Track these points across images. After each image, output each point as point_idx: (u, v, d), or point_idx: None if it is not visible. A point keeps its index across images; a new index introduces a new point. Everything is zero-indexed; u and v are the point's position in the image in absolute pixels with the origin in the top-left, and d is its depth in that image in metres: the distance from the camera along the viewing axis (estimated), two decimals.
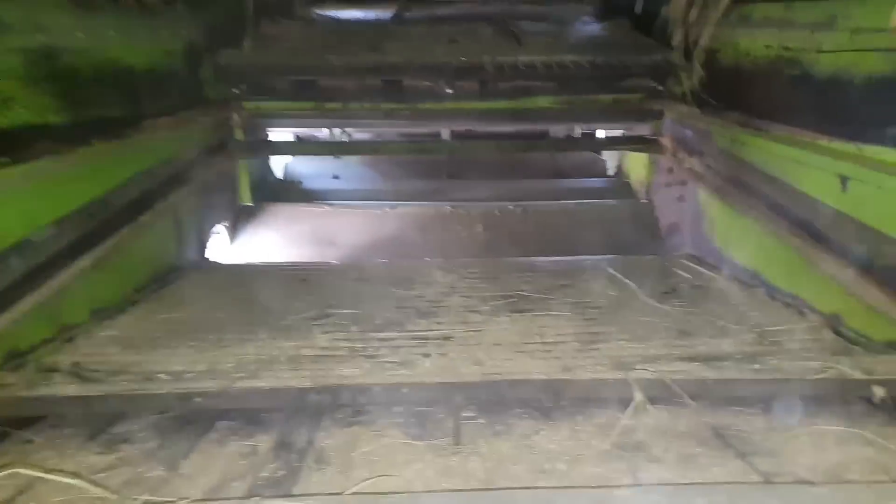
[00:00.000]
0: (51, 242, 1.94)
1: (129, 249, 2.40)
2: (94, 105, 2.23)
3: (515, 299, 2.41)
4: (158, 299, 2.43)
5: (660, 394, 1.69)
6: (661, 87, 3.34)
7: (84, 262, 2.06)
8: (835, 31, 2.06)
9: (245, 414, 1.74)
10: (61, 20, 2.08)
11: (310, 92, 3.43)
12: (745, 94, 2.61)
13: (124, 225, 2.33)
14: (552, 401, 1.74)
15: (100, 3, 2.27)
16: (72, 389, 1.68)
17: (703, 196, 3.03)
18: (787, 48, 2.32)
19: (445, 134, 3.95)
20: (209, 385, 1.69)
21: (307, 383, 1.69)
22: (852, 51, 1.98)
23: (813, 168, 2.15)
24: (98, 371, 1.78)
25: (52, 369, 1.79)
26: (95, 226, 2.17)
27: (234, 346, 1.97)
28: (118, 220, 2.31)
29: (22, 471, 1.47)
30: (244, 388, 1.67)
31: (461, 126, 3.91)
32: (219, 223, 3.39)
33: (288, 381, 1.71)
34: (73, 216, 2.05)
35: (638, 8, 3.09)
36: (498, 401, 1.74)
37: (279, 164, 4.26)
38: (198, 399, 1.66)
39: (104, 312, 2.20)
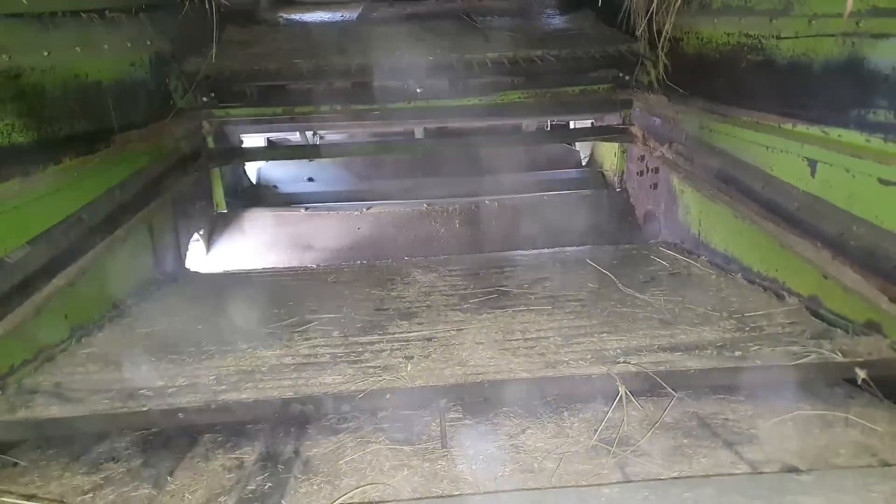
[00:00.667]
0: (26, 262, 1.91)
1: (106, 264, 2.37)
2: (63, 122, 2.20)
3: (496, 295, 2.42)
4: (137, 313, 2.41)
5: (644, 386, 1.71)
6: (628, 77, 3.36)
7: (60, 280, 2.04)
8: (792, 18, 2.09)
9: (229, 426, 1.74)
10: (25, 39, 2.05)
11: (279, 97, 3.40)
12: (710, 81, 2.64)
13: (100, 240, 2.31)
14: (537, 399, 1.75)
15: (62, 19, 2.22)
16: (54, 411, 1.67)
17: (677, 183, 3.06)
18: (747, 35, 2.35)
19: (418, 132, 3.94)
20: (191, 400, 1.69)
21: (290, 393, 1.69)
22: (810, 36, 2.01)
23: (781, 152, 2.18)
24: (80, 390, 1.77)
25: (34, 391, 1.77)
26: (71, 243, 2.14)
27: (214, 358, 1.97)
28: (93, 236, 2.28)
29: (8, 500, 1.46)
30: (227, 402, 1.67)
31: (433, 124, 3.90)
32: (195, 232, 3.36)
33: (270, 391, 1.71)
34: (47, 235, 2.03)
35: (600, 0, 3.11)
36: (483, 401, 1.75)
37: (253, 170, 4.22)
38: (181, 415, 1.65)
39: (84, 329, 2.18)
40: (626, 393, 1.65)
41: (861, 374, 1.67)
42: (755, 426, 1.64)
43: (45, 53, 2.12)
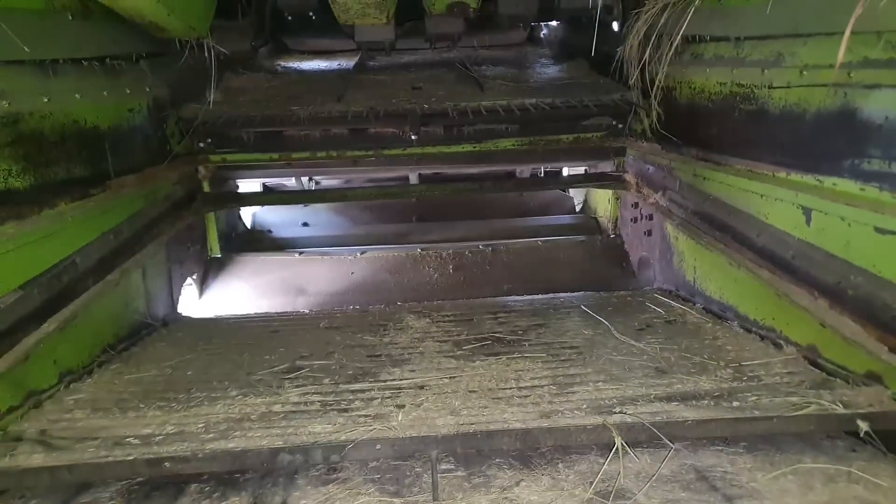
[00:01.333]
0: (17, 307, 1.89)
1: (97, 309, 2.35)
2: (59, 166, 2.21)
3: (490, 342, 2.39)
4: (127, 358, 2.37)
5: (640, 437, 1.67)
6: (621, 125, 3.40)
7: (51, 325, 2.01)
8: (783, 69, 2.12)
9: (217, 476, 1.69)
10: (25, 86, 2.07)
11: (276, 142, 3.43)
12: (703, 129, 2.67)
13: (92, 285, 2.29)
14: (531, 450, 1.71)
15: (63, 66, 2.25)
16: (37, 460, 1.62)
17: (671, 230, 3.07)
18: (739, 85, 2.39)
19: (413, 178, 3.96)
20: (178, 448, 1.64)
21: (279, 442, 1.65)
22: (802, 86, 2.03)
23: (776, 200, 2.19)
24: (65, 438, 1.73)
25: (18, 438, 1.73)
26: (63, 287, 2.12)
27: (203, 405, 1.93)
28: (86, 280, 2.27)
29: None
30: (214, 451, 1.62)
31: (428, 170, 3.93)
32: (188, 277, 3.34)
33: (259, 440, 1.67)
34: (39, 279, 2.01)
35: (593, 50, 3.17)
36: (476, 452, 1.71)
37: (248, 214, 4.23)
38: (167, 464, 1.61)
39: (72, 375, 2.14)
40: (622, 444, 1.62)
41: (863, 426, 1.63)
42: (755, 479, 1.60)
43: (45, 99, 2.14)
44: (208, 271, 3.56)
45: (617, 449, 1.62)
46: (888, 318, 1.74)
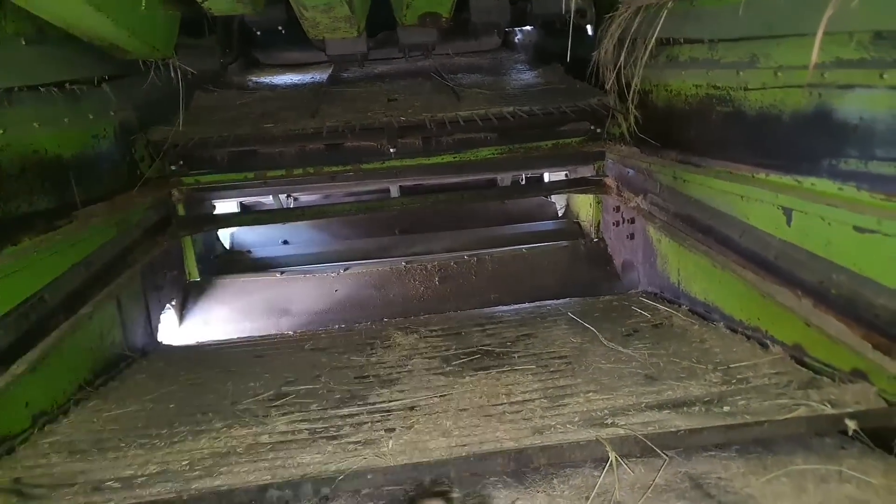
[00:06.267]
0: None
1: (71, 345, 2.28)
2: (20, 200, 2.14)
3: (479, 356, 2.36)
4: (105, 394, 2.30)
5: (634, 449, 1.66)
6: (599, 130, 3.39)
7: (20, 367, 1.94)
8: (758, 70, 2.12)
9: None
10: None
11: (250, 161, 3.37)
12: (681, 132, 2.67)
13: (63, 320, 2.22)
14: (526, 467, 1.69)
15: (19, 94, 2.18)
16: None
17: (653, 232, 3.07)
18: (715, 87, 2.38)
19: (394, 191, 3.92)
20: (162, 490, 1.59)
21: (267, 477, 1.60)
22: (777, 88, 2.03)
23: (756, 201, 2.19)
24: (41, 486, 1.66)
25: None
26: (31, 325, 2.05)
27: (187, 439, 1.87)
28: (56, 316, 2.20)
29: None
30: (200, 490, 1.57)
31: (407, 182, 3.89)
32: (167, 303, 3.27)
33: (246, 476, 1.62)
34: (5, 320, 1.94)
35: (569, 55, 3.15)
36: (470, 473, 1.68)
37: (226, 235, 4.16)
38: None
39: (47, 416, 2.07)
40: (615, 459, 1.60)
41: (852, 425, 1.63)
42: (749, 484, 1.58)
43: (1, 131, 2.07)
44: (188, 296, 3.49)
45: (611, 463, 1.60)
46: (871, 316, 1.74)
